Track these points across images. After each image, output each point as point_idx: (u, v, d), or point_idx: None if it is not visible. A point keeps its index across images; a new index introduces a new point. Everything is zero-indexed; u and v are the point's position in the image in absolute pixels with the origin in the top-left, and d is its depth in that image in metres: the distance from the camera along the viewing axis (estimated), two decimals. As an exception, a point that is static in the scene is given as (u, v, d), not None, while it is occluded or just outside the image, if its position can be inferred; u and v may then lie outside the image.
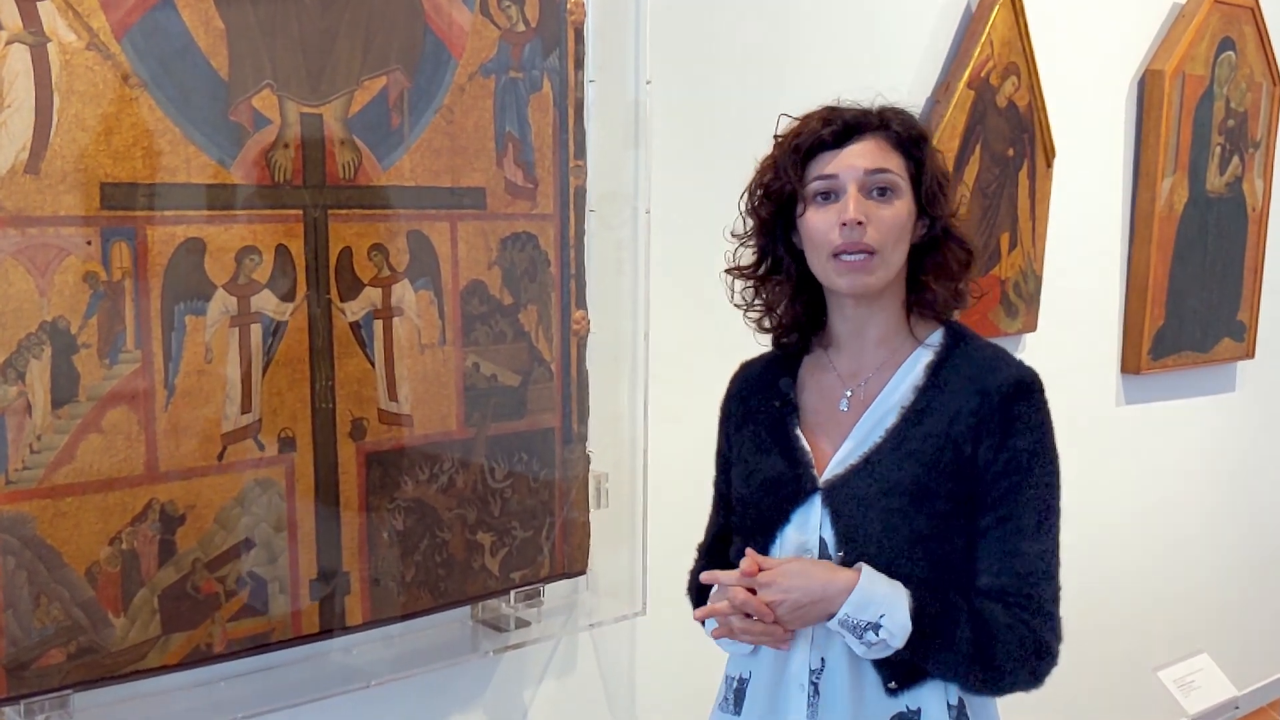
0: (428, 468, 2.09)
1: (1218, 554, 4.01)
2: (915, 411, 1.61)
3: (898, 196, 1.60)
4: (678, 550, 2.56)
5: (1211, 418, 3.96)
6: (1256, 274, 3.94)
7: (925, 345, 1.66)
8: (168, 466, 1.80)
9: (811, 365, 1.76)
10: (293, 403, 1.92)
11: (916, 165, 1.62)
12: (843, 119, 1.61)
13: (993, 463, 1.57)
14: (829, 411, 1.70)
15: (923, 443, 1.59)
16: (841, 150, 1.60)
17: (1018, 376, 1.60)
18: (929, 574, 1.56)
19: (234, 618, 1.88)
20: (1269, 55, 3.77)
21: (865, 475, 1.60)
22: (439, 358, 2.08)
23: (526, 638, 2.28)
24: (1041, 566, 1.58)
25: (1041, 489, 1.58)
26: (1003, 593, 1.56)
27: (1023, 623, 1.55)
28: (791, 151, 1.62)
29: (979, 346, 1.67)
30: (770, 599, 1.56)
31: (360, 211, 1.97)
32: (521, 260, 2.16)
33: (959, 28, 2.98)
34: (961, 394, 1.60)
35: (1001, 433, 1.57)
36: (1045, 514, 1.58)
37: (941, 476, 1.57)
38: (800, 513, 1.65)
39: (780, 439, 1.71)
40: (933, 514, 1.57)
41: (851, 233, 1.56)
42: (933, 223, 1.64)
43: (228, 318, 1.84)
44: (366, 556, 2.02)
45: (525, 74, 2.13)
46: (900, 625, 1.52)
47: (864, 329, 1.67)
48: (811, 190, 1.61)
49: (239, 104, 1.82)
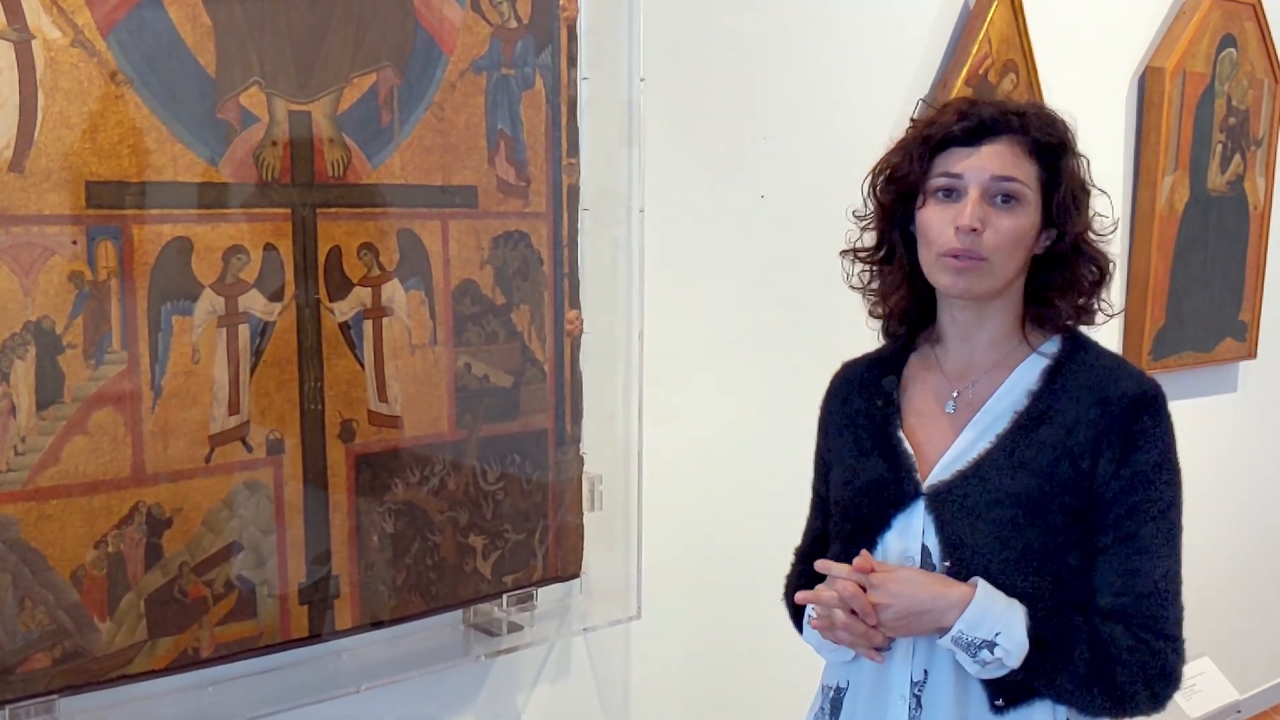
0: (418, 470, 2.09)
1: (1220, 557, 4.01)
2: (1030, 418, 1.57)
3: (1022, 206, 1.55)
4: (673, 553, 2.57)
5: (1214, 418, 3.96)
6: (1259, 273, 3.94)
7: (1040, 352, 1.62)
8: (154, 469, 1.79)
9: (917, 364, 1.71)
10: (281, 404, 1.92)
11: (1051, 175, 1.57)
12: (979, 116, 1.56)
13: (1114, 478, 1.52)
14: (933, 413, 1.65)
15: (1037, 452, 1.54)
16: (972, 149, 1.55)
17: (1141, 388, 1.55)
18: (1043, 589, 1.52)
19: (222, 621, 1.88)
20: (1270, 52, 3.78)
21: (974, 483, 1.56)
22: (430, 358, 2.08)
23: (519, 642, 2.28)
24: (1165, 587, 1.53)
25: (1165, 506, 1.53)
26: (1124, 614, 1.51)
27: (1145, 644, 1.50)
28: (921, 142, 1.58)
29: (1100, 354, 1.62)
30: (878, 600, 1.52)
31: (349, 210, 1.96)
32: (514, 259, 2.16)
33: (957, 25, 2.98)
34: (1081, 403, 1.55)
35: (1123, 447, 1.52)
36: (1169, 533, 1.53)
37: (1056, 489, 1.52)
38: (902, 518, 1.61)
39: (881, 440, 1.66)
40: (1046, 527, 1.52)
41: (965, 238, 1.52)
42: (1062, 235, 1.59)
43: (215, 318, 1.84)
44: (356, 560, 2.02)
45: (517, 71, 2.13)
46: (1017, 644, 1.48)
47: (973, 331, 1.63)
48: (933, 185, 1.57)
49: (226, 101, 1.82)
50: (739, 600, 2.64)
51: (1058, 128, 1.59)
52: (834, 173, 2.67)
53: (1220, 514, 4.00)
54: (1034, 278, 1.62)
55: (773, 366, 2.70)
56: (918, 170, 1.57)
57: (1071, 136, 1.61)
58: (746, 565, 2.63)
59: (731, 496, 2.67)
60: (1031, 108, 1.59)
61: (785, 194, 2.67)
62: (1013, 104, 1.60)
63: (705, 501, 2.64)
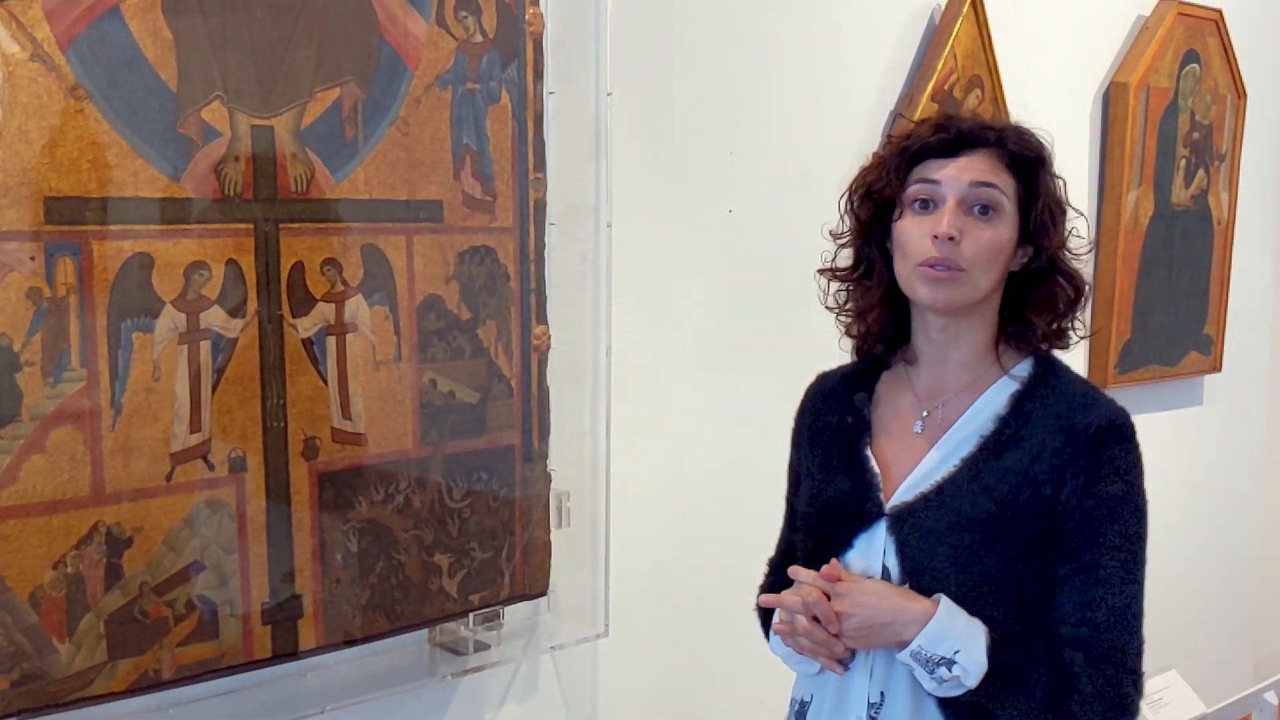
0: (383, 487, 2.08)
1: (1186, 569, 4.05)
2: (995, 443, 1.57)
3: (999, 217, 1.55)
4: (641, 570, 2.57)
5: (1179, 432, 4.00)
6: (1223, 287, 3.99)
7: (1011, 375, 1.62)
8: (114, 487, 1.78)
9: (889, 381, 1.72)
10: (243, 421, 1.91)
11: (1029, 190, 1.58)
12: (957, 127, 1.57)
13: (1077, 507, 1.52)
14: (903, 432, 1.66)
15: (1000, 478, 1.54)
16: (950, 160, 1.56)
17: (1109, 417, 1.56)
18: (1001, 615, 1.52)
19: (183, 642, 1.86)
20: (1233, 68, 3.83)
21: (935, 506, 1.56)
22: (394, 374, 2.07)
23: (486, 661, 2.27)
24: (1125, 619, 1.53)
25: (1128, 538, 1.54)
26: (1084, 644, 1.52)
27: (1103, 675, 1.50)
28: (898, 154, 1.58)
29: (1070, 381, 1.62)
30: (841, 609, 1.53)
31: (313, 225, 1.96)
32: (480, 274, 2.16)
33: (922, 40, 3.01)
34: (1047, 430, 1.55)
35: (1088, 476, 1.52)
36: (1131, 564, 1.54)
37: (1018, 516, 1.53)
38: (864, 537, 1.61)
39: (849, 457, 1.67)
40: (1005, 554, 1.53)
41: (943, 247, 1.52)
42: (1039, 252, 1.59)
43: (176, 335, 1.82)
44: (320, 579, 2.01)
45: (483, 85, 2.13)
46: (976, 663, 1.48)
47: (948, 349, 1.63)
48: (910, 195, 1.57)
49: (188, 116, 1.81)
50: (708, 618, 2.64)
51: (1034, 143, 1.61)
52: (801, 187, 2.70)
53: (1186, 527, 4.03)
54: (1009, 296, 1.63)
55: (742, 381, 2.70)
56: (895, 182, 1.58)
57: (1048, 153, 1.63)
58: (716, 582, 2.63)
59: (701, 513, 2.67)
60: (1011, 125, 1.61)
61: (753, 208, 2.69)
62: (990, 120, 1.62)
63: (675, 518, 2.64)
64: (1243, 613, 4.46)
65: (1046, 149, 1.63)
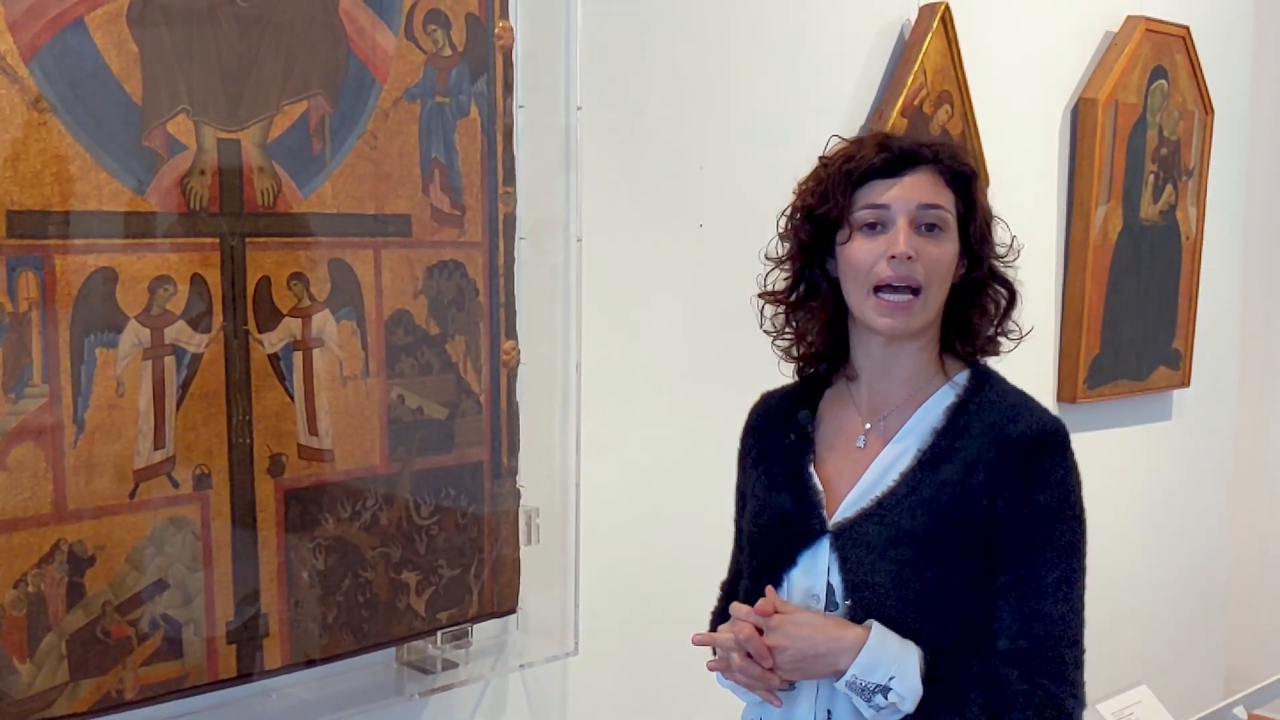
0: (350, 504, 2.07)
1: (1156, 584, 4.08)
2: (933, 456, 1.58)
3: (946, 234, 1.58)
4: (611, 588, 2.57)
5: (1148, 447, 4.04)
6: (1191, 302, 4.03)
7: (951, 384, 1.64)
8: (77, 505, 1.77)
9: (832, 398, 1.73)
10: (208, 438, 1.90)
11: (966, 204, 1.61)
12: (899, 147, 1.59)
13: (1011, 518, 1.54)
14: (845, 448, 1.67)
15: (937, 491, 1.56)
16: (894, 180, 1.58)
17: (1042, 427, 1.57)
18: (941, 630, 1.54)
19: (146, 662, 1.85)
20: (1200, 83, 3.88)
21: (875, 521, 1.57)
22: (361, 390, 2.07)
23: (454, 679, 2.26)
24: (1063, 630, 1.54)
25: (1063, 548, 1.55)
26: (1021, 656, 1.53)
27: (1041, 689, 1.51)
28: (842, 177, 1.60)
29: (1004, 392, 1.64)
30: (774, 643, 1.54)
31: (279, 240, 1.95)
32: (449, 289, 2.16)
33: (892, 56, 3.04)
34: (981, 441, 1.57)
35: (1021, 486, 1.54)
36: (1067, 574, 1.55)
37: (955, 529, 1.54)
38: (808, 555, 1.62)
39: (792, 475, 1.68)
40: (945, 567, 1.54)
41: (901, 266, 1.54)
42: (977, 262, 1.63)
43: (140, 350, 1.81)
44: (286, 597, 2.00)
45: (452, 99, 2.13)
46: (911, 689, 1.49)
47: (890, 365, 1.65)
48: (859, 219, 1.59)
49: (153, 129, 1.80)
50: (678, 636, 2.61)
51: (967, 159, 1.65)
52: (771, 202, 2.70)
53: (1155, 541, 4.07)
54: (949, 307, 1.65)
55: (713, 396, 2.71)
56: (840, 204, 1.59)
57: (978, 168, 1.67)
58: (686, 600, 2.61)
59: (671, 529, 2.67)
60: (941, 140, 1.64)
61: (723, 223, 2.70)
62: (927, 136, 1.64)
63: (645, 535, 2.64)
64: (1213, 627, 4.50)
65: (976, 164, 1.68)
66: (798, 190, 1.69)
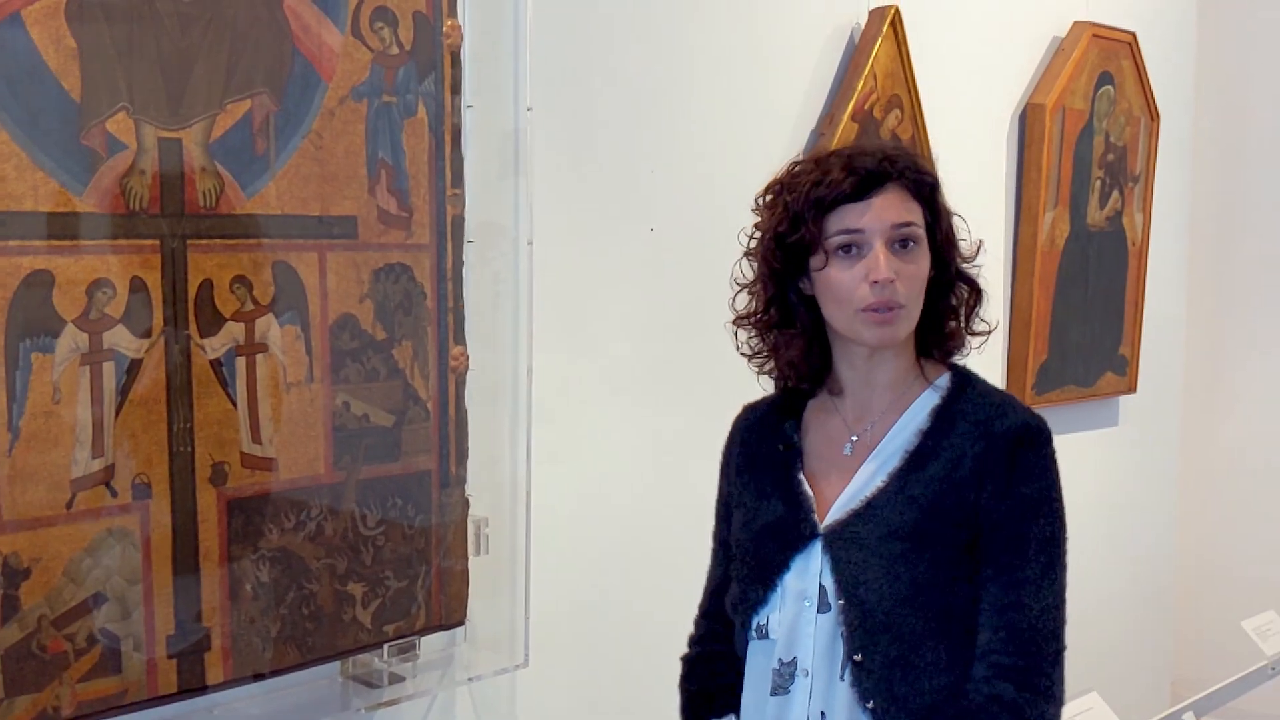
0: (294, 514, 2.06)
1: (1103, 591, 4.14)
2: (918, 455, 1.64)
3: (920, 248, 1.63)
4: (562, 599, 2.57)
5: (1095, 453, 4.10)
6: (1137, 308, 4.11)
7: (933, 388, 1.70)
8: (11, 516, 1.74)
9: (816, 409, 1.77)
10: (148, 446, 1.87)
11: (932, 213, 1.66)
12: (865, 168, 1.61)
13: (995, 509, 1.59)
14: (833, 456, 1.72)
15: (925, 487, 1.61)
16: (865, 203, 1.60)
17: (1025, 422, 1.63)
18: (932, 625, 1.58)
19: (84, 678, 1.82)
20: (1146, 90, 3.96)
21: (866, 520, 1.62)
22: (306, 397, 2.05)
23: (401, 694, 2.25)
24: (1042, 622, 1.58)
25: (1044, 542, 1.60)
26: (1000, 648, 1.57)
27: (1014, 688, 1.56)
28: (811, 205, 1.61)
29: (986, 391, 1.70)
30: None
31: (222, 242, 1.94)
32: (395, 293, 2.15)
33: (843, 59, 3.07)
34: (967, 438, 1.62)
35: (1006, 479, 1.59)
36: (1048, 566, 1.60)
37: (943, 522, 1.59)
38: (800, 559, 1.66)
39: (782, 483, 1.72)
40: (935, 561, 1.59)
41: (884, 290, 1.58)
42: (945, 266, 1.68)
43: (78, 355, 1.79)
44: (228, 610, 1.98)
45: (399, 98, 2.13)
46: None
47: (873, 374, 1.70)
48: (834, 244, 1.61)
49: (92, 128, 1.78)
50: (631, 648, 2.64)
51: (926, 168, 1.68)
52: (723, 205, 2.72)
53: (1102, 548, 4.13)
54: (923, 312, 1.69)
55: (666, 402, 2.72)
56: (813, 232, 1.62)
57: (937, 175, 1.70)
58: (640, 611, 2.64)
59: (625, 539, 2.67)
60: (898, 151, 1.67)
61: (675, 227, 2.71)
62: (884, 149, 1.67)
63: (597, 544, 2.64)
64: (1159, 634, 4.58)
65: (935, 171, 1.71)
66: (760, 211, 1.71)
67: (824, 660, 1.64)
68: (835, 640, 1.62)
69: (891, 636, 1.59)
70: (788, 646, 1.67)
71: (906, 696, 1.59)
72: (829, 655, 1.63)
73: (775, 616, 1.67)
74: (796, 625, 1.66)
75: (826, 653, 1.63)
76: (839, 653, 1.62)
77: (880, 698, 1.59)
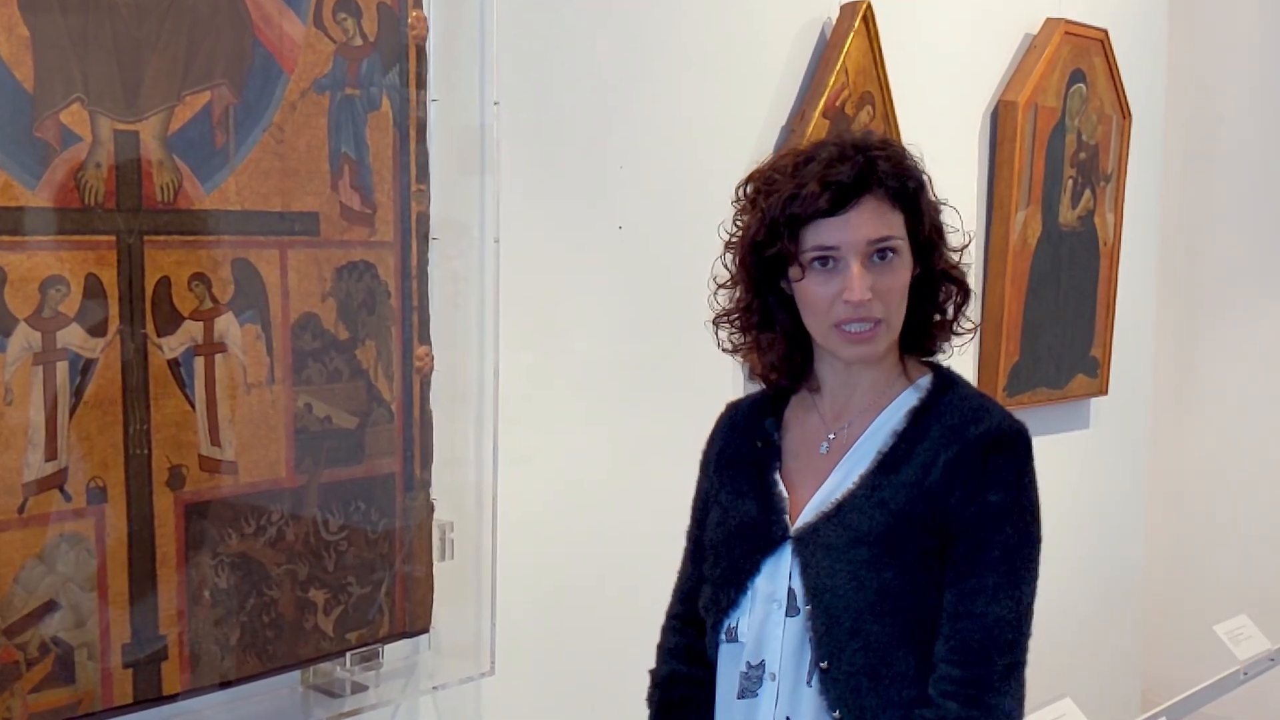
0: (254, 519, 2.04)
1: (1074, 594, 4.18)
2: (893, 458, 1.63)
3: (899, 258, 1.61)
4: (528, 605, 2.56)
5: (1066, 455, 4.13)
6: (1109, 309, 4.14)
7: (914, 388, 1.69)
8: (-40, 521, 1.72)
9: (798, 406, 1.77)
10: (103, 449, 1.85)
11: (914, 218, 1.63)
12: (839, 183, 1.58)
13: (962, 515, 1.57)
14: (810, 455, 1.71)
15: (896, 492, 1.60)
16: (841, 218, 1.58)
17: (1001, 427, 1.62)
18: (898, 632, 1.57)
19: (36, 689, 1.80)
20: (1118, 88, 3.99)
21: (835, 524, 1.61)
22: (267, 398, 2.04)
23: (363, 703, 2.24)
24: (997, 633, 1.56)
25: (1009, 550, 1.57)
26: (949, 663, 1.56)
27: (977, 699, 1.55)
28: (786, 221, 1.60)
29: (966, 395, 1.68)
30: None
31: (180, 238, 1.92)
32: (359, 291, 2.14)
33: (814, 54, 3.08)
34: (941, 442, 1.61)
35: (976, 485, 1.57)
36: (1010, 576, 1.57)
37: (914, 528, 1.58)
38: (771, 561, 1.66)
39: (757, 483, 1.72)
40: (903, 567, 1.57)
41: (858, 309, 1.57)
42: (928, 266, 1.66)
43: (30, 355, 1.77)
44: (186, 618, 1.96)
45: (363, 91, 2.12)
46: None
47: (853, 375, 1.69)
48: (809, 258, 1.60)
49: (45, 119, 1.76)
50: (599, 655, 2.64)
51: (911, 169, 1.65)
52: (693, 202, 2.73)
53: (1073, 551, 4.16)
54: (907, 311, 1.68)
55: (636, 403, 2.72)
56: (789, 247, 1.60)
57: (925, 175, 1.67)
58: (607, 617, 2.64)
59: (592, 543, 2.67)
60: (879, 149, 1.63)
61: (643, 224, 2.71)
62: (867, 146, 1.62)
63: (564, 549, 2.63)
64: (1130, 638, 4.62)
65: (923, 171, 1.68)
66: (740, 202, 1.70)
67: (791, 665, 1.63)
68: (803, 645, 1.62)
69: (859, 644, 1.58)
70: (756, 649, 1.67)
71: (875, 708, 1.58)
72: (796, 660, 1.63)
73: (745, 620, 1.67)
74: (765, 628, 1.66)
75: (794, 657, 1.63)
76: (807, 658, 1.62)
77: (846, 707, 1.58)
